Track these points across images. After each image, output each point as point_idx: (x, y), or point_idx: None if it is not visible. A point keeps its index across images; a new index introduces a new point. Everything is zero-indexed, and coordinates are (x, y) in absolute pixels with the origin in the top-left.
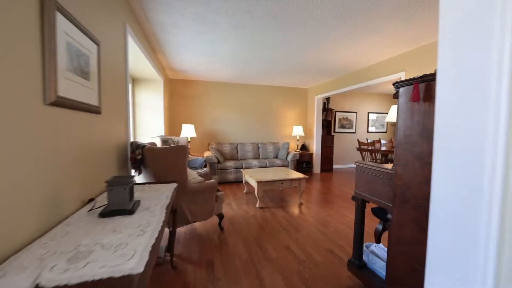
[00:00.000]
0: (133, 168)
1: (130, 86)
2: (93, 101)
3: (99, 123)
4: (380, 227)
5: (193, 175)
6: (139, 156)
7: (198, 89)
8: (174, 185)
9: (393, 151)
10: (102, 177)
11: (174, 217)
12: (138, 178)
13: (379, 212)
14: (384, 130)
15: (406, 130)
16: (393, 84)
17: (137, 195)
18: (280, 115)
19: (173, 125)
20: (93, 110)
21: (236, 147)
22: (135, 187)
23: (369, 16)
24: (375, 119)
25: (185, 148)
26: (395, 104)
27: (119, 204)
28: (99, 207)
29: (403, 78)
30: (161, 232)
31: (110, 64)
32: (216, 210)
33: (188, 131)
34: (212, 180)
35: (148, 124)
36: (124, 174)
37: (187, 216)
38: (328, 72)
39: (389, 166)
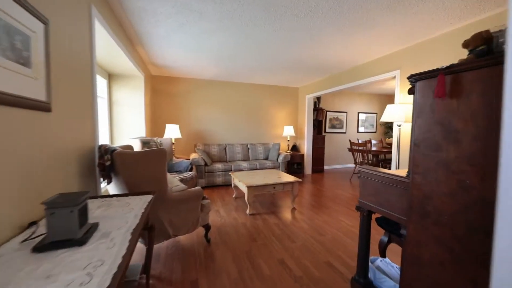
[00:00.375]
0: (102, 176)
1: (106, 82)
2: (38, 94)
3: (49, 123)
4: (386, 239)
5: (175, 182)
6: (108, 162)
7: (184, 86)
8: (149, 197)
9: (384, 151)
10: (55, 191)
11: (150, 233)
12: (110, 188)
13: (383, 223)
14: (374, 130)
15: (426, 132)
16: (408, 78)
17: (98, 213)
18: (270, 114)
19: (155, 125)
20: (38, 106)
21: (225, 148)
22: (99, 201)
23: (366, 8)
24: (364, 119)
25: (164, 152)
26: (390, 103)
27: (64, 232)
28: (38, 236)
29: (397, 77)
30: (117, 275)
31: (69, 51)
32: (202, 221)
33: (172, 132)
34: (197, 188)
35: (128, 125)
36: (90, 184)
37: (168, 230)
38: (320, 70)
39: (403, 172)
